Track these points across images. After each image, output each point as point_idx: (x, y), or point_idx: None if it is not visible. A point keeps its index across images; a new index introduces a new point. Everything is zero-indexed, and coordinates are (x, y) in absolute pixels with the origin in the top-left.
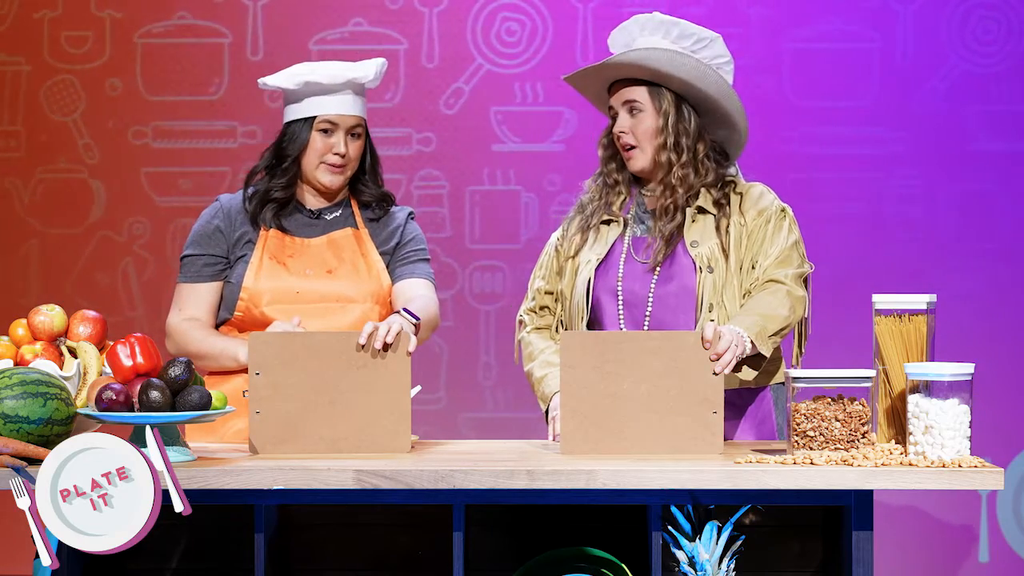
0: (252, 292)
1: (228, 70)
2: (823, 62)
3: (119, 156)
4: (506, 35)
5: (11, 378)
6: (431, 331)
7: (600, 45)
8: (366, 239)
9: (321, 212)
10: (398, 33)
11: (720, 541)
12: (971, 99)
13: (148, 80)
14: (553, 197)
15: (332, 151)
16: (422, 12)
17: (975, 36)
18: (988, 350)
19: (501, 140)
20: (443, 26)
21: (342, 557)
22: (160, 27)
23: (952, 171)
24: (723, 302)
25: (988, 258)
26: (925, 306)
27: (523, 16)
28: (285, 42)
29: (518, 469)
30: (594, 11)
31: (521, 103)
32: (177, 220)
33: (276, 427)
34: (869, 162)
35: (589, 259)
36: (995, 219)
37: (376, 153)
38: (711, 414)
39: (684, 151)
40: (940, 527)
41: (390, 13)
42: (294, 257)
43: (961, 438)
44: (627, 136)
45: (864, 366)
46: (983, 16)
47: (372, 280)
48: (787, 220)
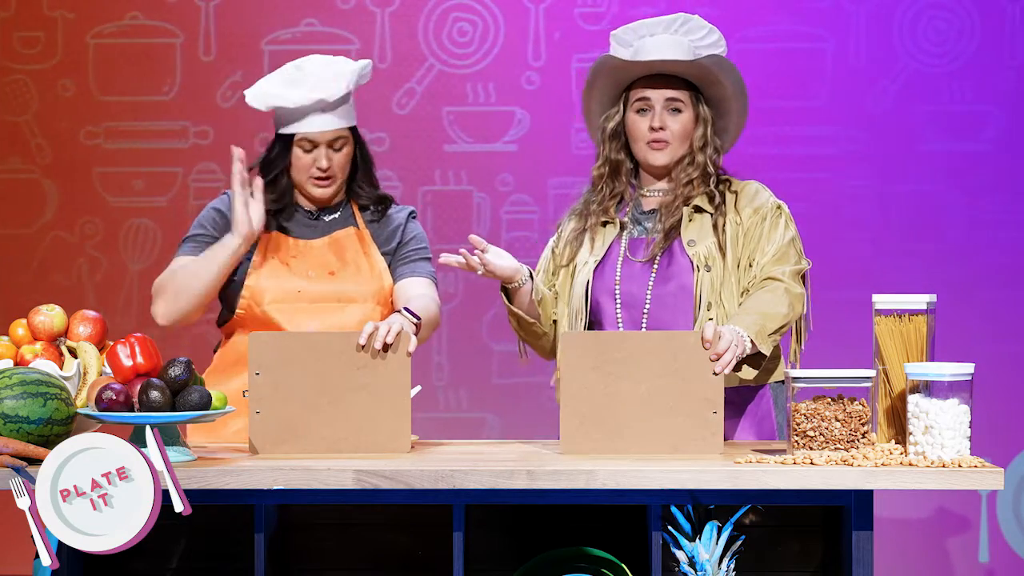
0: (254, 290)
1: (180, 70)
2: (776, 62)
3: (71, 156)
4: (458, 35)
5: (11, 378)
6: (432, 330)
7: (552, 44)
8: (367, 236)
9: (320, 214)
10: (350, 33)
11: (720, 541)
12: (923, 99)
13: (100, 80)
14: (505, 197)
15: (315, 166)
16: (374, 12)
17: (926, 36)
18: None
19: (453, 140)
20: (395, 26)
21: (342, 557)
22: (112, 27)
23: (904, 171)
24: (721, 301)
25: (939, 258)
26: (925, 306)
27: (475, 16)
28: (237, 42)
29: (518, 469)
30: (546, 11)
31: (473, 103)
32: (130, 220)
33: (276, 427)
34: (822, 162)
35: (587, 261)
36: (946, 219)
37: (368, 157)
38: (711, 414)
39: (708, 153)
40: (940, 527)
41: (342, 13)
42: (296, 258)
43: (961, 438)
44: (665, 132)
45: (864, 366)
46: (934, 16)
47: (374, 280)
48: (783, 217)
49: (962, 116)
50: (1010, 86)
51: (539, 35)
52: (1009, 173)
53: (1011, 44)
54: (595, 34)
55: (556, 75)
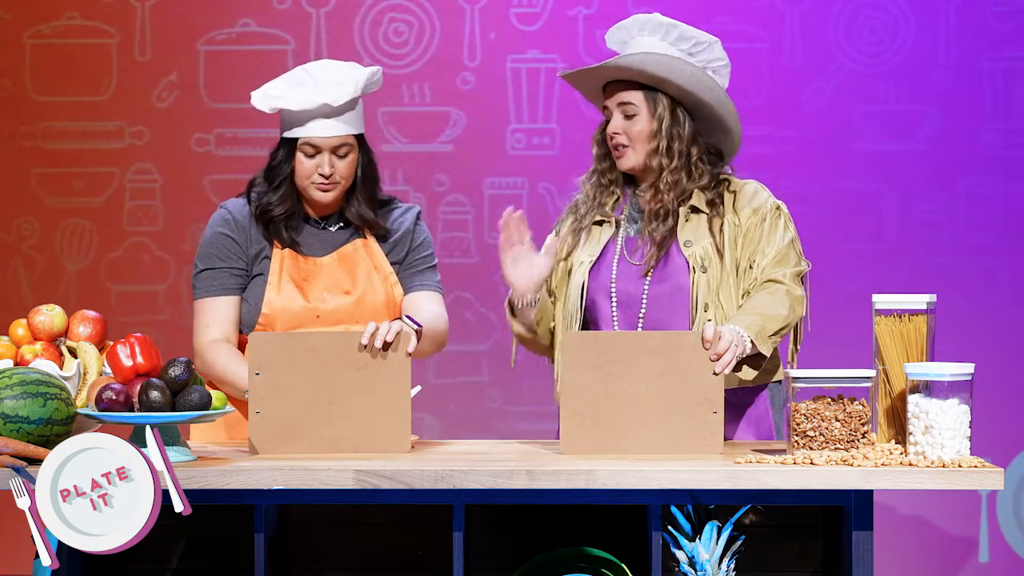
0: (270, 317)
1: (116, 71)
2: None
3: (8, 157)
4: (393, 35)
5: (11, 378)
6: (435, 346)
7: (487, 44)
8: (374, 247)
9: (327, 222)
10: (286, 33)
11: (720, 541)
12: (858, 99)
13: (37, 81)
14: (441, 197)
15: (317, 171)
16: (310, 13)
17: (862, 36)
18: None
19: (389, 140)
20: (331, 26)
21: (342, 557)
22: (48, 28)
23: (839, 170)
24: (719, 301)
25: (875, 257)
26: (925, 306)
27: (410, 17)
28: (173, 42)
29: (518, 469)
30: (481, 11)
31: (409, 103)
32: (67, 220)
33: (276, 427)
34: (760, 161)
35: (582, 260)
36: (882, 218)
37: (371, 170)
38: (711, 414)
39: (676, 156)
40: (940, 527)
41: (278, 13)
42: (308, 280)
43: (961, 438)
44: (620, 137)
45: (864, 366)
46: (870, 16)
47: (387, 292)
48: (782, 218)
49: (897, 116)
50: (945, 86)
51: (474, 35)
52: (943, 173)
53: (946, 44)
54: (530, 35)
55: (491, 75)
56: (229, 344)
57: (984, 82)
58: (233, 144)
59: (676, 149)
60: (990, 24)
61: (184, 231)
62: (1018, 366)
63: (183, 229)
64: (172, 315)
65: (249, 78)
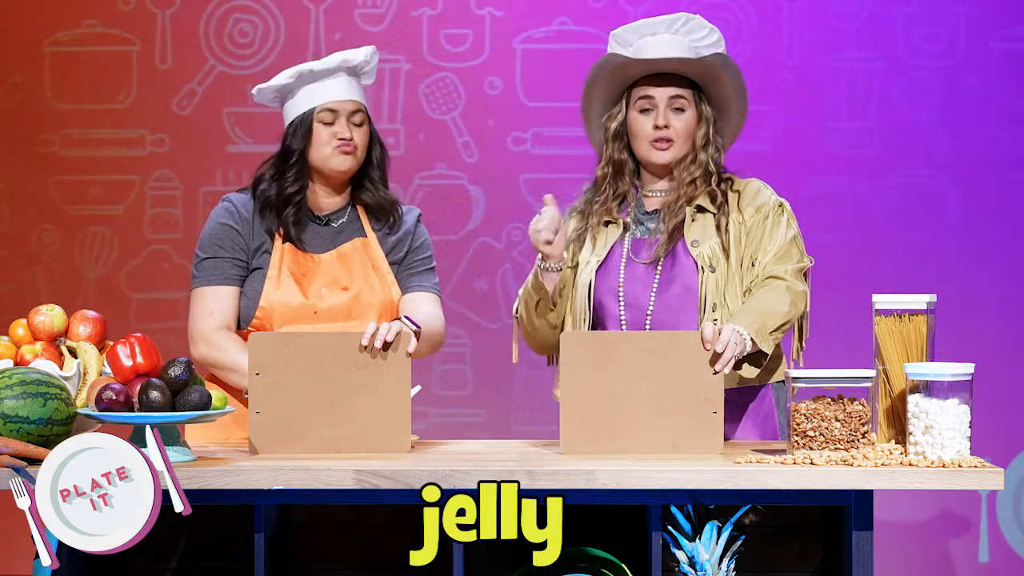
0: (267, 311)
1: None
2: (558, 60)
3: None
4: (239, 36)
5: (11, 378)
6: (433, 348)
7: (332, 45)
8: (374, 246)
9: (329, 219)
10: (131, 34)
11: (720, 541)
12: None
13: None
14: None
15: (337, 137)
16: (155, 13)
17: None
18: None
19: (234, 141)
20: (176, 27)
21: (342, 557)
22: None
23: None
24: (726, 301)
25: None
26: (925, 306)
27: (255, 17)
28: (17, 43)
29: (518, 469)
30: (326, 11)
31: (254, 104)
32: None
33: (276, 427)
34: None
35: (589, 261)
36: None
37: (384, 146)
38: (711, 414)
39: (716, 150)
40: (940, 527)
41: (123, 14)
42: (308, 276)
43: (961, 438)
44: (669, 131)
45: (864, 366)
46: (713, 17)
47: (384, 291)
48: (785, 215)
49: None
50: (788, 86)
51: (319, 36)
52: (787, 173)
53: (788, 44)
54: (374, 35)
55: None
56: (234, 333)
57: (827, 83)
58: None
59: (713, 146)
60: (832, 24)
61: None
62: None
63: None
64: None
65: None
